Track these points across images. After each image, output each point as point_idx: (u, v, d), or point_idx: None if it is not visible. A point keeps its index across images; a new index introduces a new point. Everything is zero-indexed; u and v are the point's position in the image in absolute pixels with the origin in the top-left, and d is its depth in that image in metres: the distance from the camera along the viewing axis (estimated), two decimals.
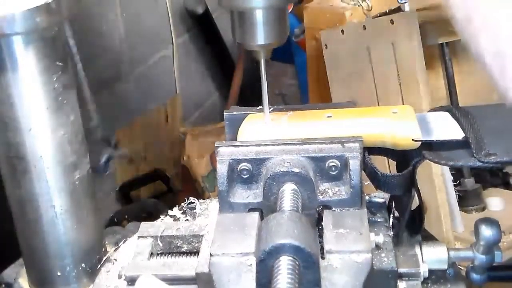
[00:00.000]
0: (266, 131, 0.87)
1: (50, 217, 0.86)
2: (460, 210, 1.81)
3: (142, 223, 0.90)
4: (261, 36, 0.82)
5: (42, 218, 0.86)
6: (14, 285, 0.93)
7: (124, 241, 0.93)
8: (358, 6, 1.91)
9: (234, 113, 0.91)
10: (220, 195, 0.82)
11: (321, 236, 0.78)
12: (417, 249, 0.83)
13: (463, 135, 0.81)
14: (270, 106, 0.89)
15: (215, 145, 0.84)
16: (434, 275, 0.83)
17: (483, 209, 1.90)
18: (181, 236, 0.87)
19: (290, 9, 2.28)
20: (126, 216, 2.14)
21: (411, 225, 0.85)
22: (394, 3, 1.77)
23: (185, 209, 0.93)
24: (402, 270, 0.80)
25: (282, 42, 0.84)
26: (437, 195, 1.67)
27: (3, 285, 0.94)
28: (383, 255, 0.79)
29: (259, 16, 0.81)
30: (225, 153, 0.83)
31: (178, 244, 0.87)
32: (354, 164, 0.80)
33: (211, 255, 0.76)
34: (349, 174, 0.81)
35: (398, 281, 0.80)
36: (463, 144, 0.81)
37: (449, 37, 1.89)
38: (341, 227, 0.78)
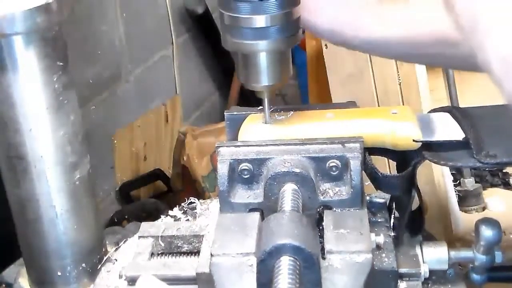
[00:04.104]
0: (267, 131, 0.87)
1: (50, 217, 0.86)
2: (460, 210, 1.81)
3: (143, 223, 0.90)
4: (264, 78, 0.83)
5: (43, 218, 0.86)
6: (15, 285, 0.93)
7: (125, 241, 0.93)
8: None
9: (235, 113, 0.91)
10: (221, 195, 0.82)
11: (321, 236, 0.78)
12: (418, 250, 0.83)
13: (464, 135, 0.81)
14: (270, 106, 0.89)
15: (216, 145, 0.84)
16: (435, 275, 0.83)
17: (483, 209, 1.90)
18: (181, 236, 0.87)
19: None
20: (126, 216, 2.14)
21: (412, 225, 0.85)
22: None
23: (185, 209, 0.93)
24: (402, 270, 0.80)
25: (285, 82, 0.86)
26: (437, 195, 1.67)
27: (4, 285, 0.94)
28: (383, 255, 0.79)
29: (262, 58, 0.82)
30: (226, 153, 0.83)
31: (178, 244, 0.87)
32: (355, 165, 0.80)
33: (211, 255, 0.76)
34: (349, 174, 0.81)
35: (398, 281, 0.80)
36: (463, 145, 0.81)
37: None
38: (342, 227, 0.78)
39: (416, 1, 0.94)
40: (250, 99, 2.90)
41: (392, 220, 0.85)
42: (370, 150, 0.85)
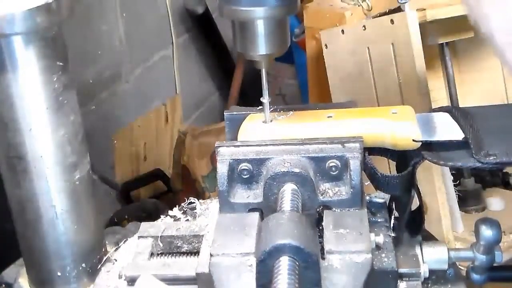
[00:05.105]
0: (267, 131, 0.87)
1: (50, 217, 0.86)
2: (460, 210, 1.81)
3: (143, 223, 0.90)
4: (262, 46, 0.83)
5: (42, 218, 0.85)
6: (14, 285, 0.93)
7: (125, 241, 0.93)
8: (358, 6, 1.91)
9: (235, 113, 0.91)
10: (220, 195, 0.82)
11: (321, 236, 0.78)
12: (418, 249, 0.83)
13: (463, 135, 0.81)
14: (270, 106, 0.89)
15: (216, 145, 0.84)
16: (435, 275, 0.83)
17: (483, 209, 1.90)
18: (181, 236, 0.87)
19: None
20: (126, 216, 2.14)
21: (412, 225, 0.85)
22: (394, 3, 1.77)
23: (185, 209, 0.93)
24: (402, 270, 0.80)
25: (283, 52, 0.85)
26: (437, 195, 1.67)
27: (3, 285, 0.94)
28: (383, 255, 0.79)
29: (260, 26, 0.82)
30: (226, 153, 0.83)
31: (178, 244, 0.87)
32: (355, 164, 0.80)
33: (211, 255, 0.76)
34: (349, 174, 0.81)
35: (398, 281, 0.80)
36: (462, 145, 0.81)
37: (449, 37, 1.89)
38: (342, 227, 0.78)
39: None
40: (250, 99, 2.91)
41: (392, 220, 0.85)
42: (370, 150, 0.85)
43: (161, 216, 0.94)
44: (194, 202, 0.93)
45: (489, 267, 0.83)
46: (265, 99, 0.87)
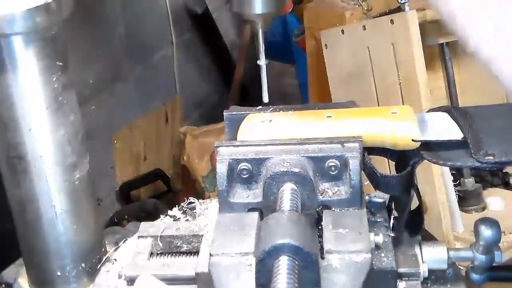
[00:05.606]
0: (266, 131, 0.87)
1: (50, 217, 0.86)
2: (460, 210, 1.81)
3: (142, 223, 0.90)
4: (258, 5, 0.82)
5: (42, 218, 0.86)
6: (14, 285, 0.93)
7: (124, 241, 0.93)
8: (358, 6, 1.91)
9: (234, 113, 0.91)
10: (220, 195, 0.82)
11: (320, 236, 0.78)
12: (417, 249, 0.83)
13: (462, 135, 0.81)
14: (270, 106, 0.89)
15: (215, 145, 0.84)
16: (434, 275, 0.83)
17: (483, 209, 1.90)
18: (181, 236, 0.87)
19: (290, 9, 2.29)
20: (126, 216, 2.15)
21: (411, 225, 0.85)
22: (394, 3, 1.77)
23: (185, 209, 0.93)
24: (401, 270, 0.80)
25: (279, 12, 0.84)
26: (437, 195, 1.67)
27: (3, 285, 0.94)
28: (382, 255, 0.79)
29: None
30: (225, 153, 0.83)
31: (178, 244, 0.87)
32: (354, 164, 0.80)
33: (210, 255, 0.76)
34: (349, 174, 0.81)
35: (397, 281, 0.80)
36: (462, 145, 0.81)
37: (449, 37, 1.89)
38: (341, 227, 0.78)
39: None
40: (250, 99, 2.91)
41: (391, 220, 0.85)
42: (369, 150, 0.85)
43: (161, 216, 0.94)
44: (193, 202, 0.93)
45: (489, 267, 0.83)
46: (262, 61, 0.86)
